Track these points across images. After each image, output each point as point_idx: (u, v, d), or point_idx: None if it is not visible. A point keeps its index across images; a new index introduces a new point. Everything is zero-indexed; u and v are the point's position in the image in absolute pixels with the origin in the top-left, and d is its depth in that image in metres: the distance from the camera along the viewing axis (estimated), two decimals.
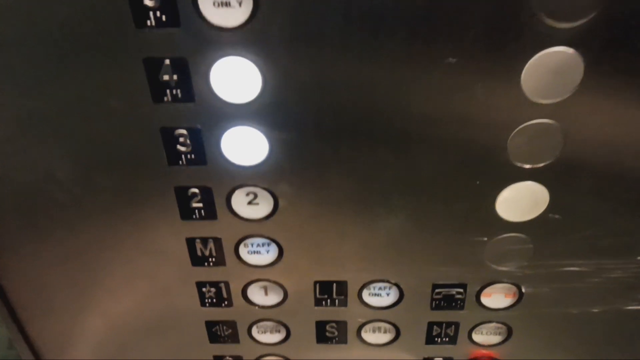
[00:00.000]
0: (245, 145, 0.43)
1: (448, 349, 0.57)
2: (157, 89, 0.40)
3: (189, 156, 0.44)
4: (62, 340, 0.57)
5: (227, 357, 0.59)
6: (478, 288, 0.52)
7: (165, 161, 0.44)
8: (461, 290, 0.52)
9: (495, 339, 0.56)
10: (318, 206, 0.46)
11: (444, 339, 0.56)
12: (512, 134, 0.41)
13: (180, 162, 0.44)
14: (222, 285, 0.52)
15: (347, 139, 0.42)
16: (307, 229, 0.48)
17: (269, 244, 0.49)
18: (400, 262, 0.50)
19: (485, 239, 0.48)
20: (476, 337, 0.56)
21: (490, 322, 0.54)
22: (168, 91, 0.40)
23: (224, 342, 0.57)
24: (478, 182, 0.44)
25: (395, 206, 0.46)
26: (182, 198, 0.46)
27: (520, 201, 0.45)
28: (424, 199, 0.46)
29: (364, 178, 0.44)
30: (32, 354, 0.57)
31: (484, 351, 0.57)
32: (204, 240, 0.49)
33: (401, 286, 0.52)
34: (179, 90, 0.40)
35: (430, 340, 0.56)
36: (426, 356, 0.58)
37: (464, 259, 0.49)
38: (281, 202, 0.46)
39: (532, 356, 0.58)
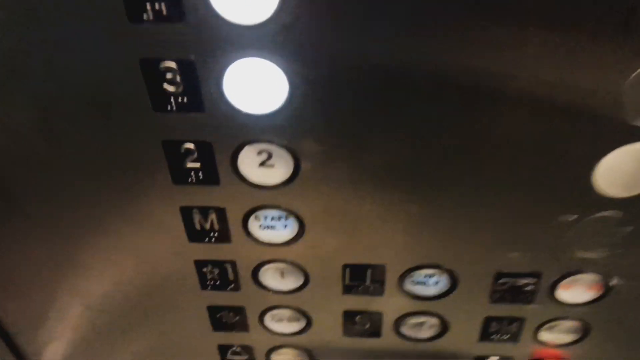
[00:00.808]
0: (256, 86, 0.31)
1: (506, 347, 0.46)
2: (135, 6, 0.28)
3: (180, 99, 0.32)
4: (36, 324, 0.48)
5: (235, 347, 0.49)
6: (555, 278, 0.40)
7: (149, 105, 0.33)
8: (533, 280, 0.40)
9: (568, 337, 0.45)
10: (352, 170, 0.35)
11: (503, 337, 0.45)
12: (631, 78, 0.29)
13: (169, 107, 0.32)
14: (228, 265, 0.42)
15: (397, 83, 0.30)
16: (336, 200, 0.37)
17: (286, 218, 0.38)
18: (456, 244, 0.39)
19: (574, 217, 0.36)
20: (544, 335, 0.45)
21: (564, 318, 0.43)
22: (148, 6, 0.29)
23: (231, 330, 0.47)
24: (573, 143, 0.32)
25: (454, 173, 0.34)
26: (174, 156, 0.35)
27: (629, 169, 0.33)
28: (492, 164, 0.34)
29: (415, 136, 0.33)
30: (3, 339, 0.48)
31: (552, 351, 0.46)
32: (204, 211, 0.38)
33: (455, 274, 0.41)
34: (162, 4, 0.28)
35: (485, 336, 0.45)
36: (478, 354, 0.47)
37: (541, 242, 0.38)
38: (303, 165, 0.35)
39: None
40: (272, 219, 0.38)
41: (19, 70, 0.32)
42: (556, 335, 0.45)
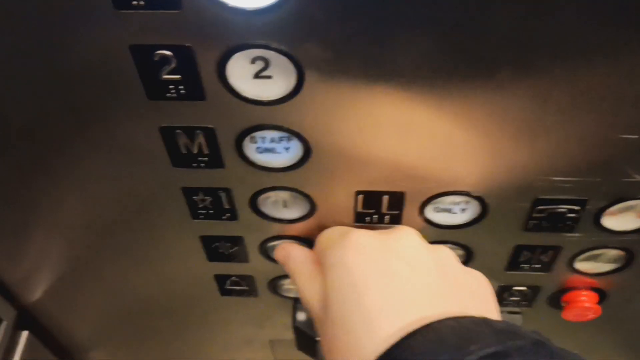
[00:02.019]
0: None
1: (536, 277, 0.42)
2: None
3: None
4: (18, 260, 0.43)
5: (233, 277, 0.45)
6: (602, 205, 0.34)
7: (110, 3, 0.25)
8: (577, 207, 0.35)
9: (606, 267, 0.40)
10: (368, 79, 0.28)
11: (533, 266, 0.40)
12: None
13: (135, 1, 0.25)
14: (222, 193, 0.36)
15: None
16: (347, 116, 0.30)
17: (288, 139, 0.32)
18: (489, 168, 0.33)
19: (637, 136, 0.30)
20: (580, 264, 0.40)
21: (606, 247, 0.38)
22: None
23: (228, 260, 0.42)
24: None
25: (492, 78, 0.28)
26: (146, 67, 0.28)
27: None
28: (546, 69, 0.27)
29: (453, 29, 0.26)
30: None
31: (586, 279, 0.41)
32: (189, 131, 0.32)
33: (486, 201, 0.35)
34: None
35: (514, 266, 0.40)
36: (504, 284, 0.43)
37: (592, 165, 0.32)
38: (308, 73, 0.28)
39: None
40: (272, 140, 0.32)
41: None
42: (594, 264, 0.40)
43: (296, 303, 0.47)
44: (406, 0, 0.25)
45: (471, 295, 0.30)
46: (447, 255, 0.32)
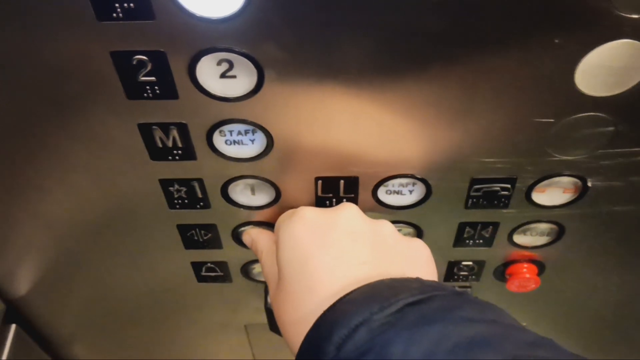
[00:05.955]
0: None
1: (480, 252, 0.46)
2: None
3: (125, 5, 0.29)
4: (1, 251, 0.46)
5: (209, 264, 0.48)
6: (531, 182, 0.39)
7: (93, 15, 0.29)
8: (508, 185, 0.39)
9: (541, 240, 0.45)
10: (320, 77, 0.33)
11: (477, 241, 0.45)
12: None
13: (115, 14, 0.29)
14: (195, 183, 0.40)
15: None
16: (304, 110, 0.35)
17: (253, 132, 0.36)
18: (429, 152, 0.37)
19: (553, 120, 0.35)
20: (518, 238, 0.45)
21: (538, 221, 0.43)
22: None
23: (203, 247, 0.46)
24: (557, 40, 0.30)
25: (428, 75, 0.32)
26: (125, 69, 0.32)
27: (612, 68, 0.32)
28: (470, 62, 0.32)
29: (389, 31, 0.30)
30: None
31: (525, 253, 0.46)
32: (164, 127, 0.36)
33: (429, 182, 0.39)
34: None
35: (459, 242, 0.45)
36: (452, 259, 0.48)
37: (517, 146, 0.37)
38: (267, 74, 0.32)
39: (580, 261, 0.47)
40: (238, 133, 0.36)
41: None
42: (530, 238, 0.45)
43: (267, 286, 0.51)
44: (349, 7, 0.29)
45: (409, 260, 0.34)
46: (385, 227, 0.36)
